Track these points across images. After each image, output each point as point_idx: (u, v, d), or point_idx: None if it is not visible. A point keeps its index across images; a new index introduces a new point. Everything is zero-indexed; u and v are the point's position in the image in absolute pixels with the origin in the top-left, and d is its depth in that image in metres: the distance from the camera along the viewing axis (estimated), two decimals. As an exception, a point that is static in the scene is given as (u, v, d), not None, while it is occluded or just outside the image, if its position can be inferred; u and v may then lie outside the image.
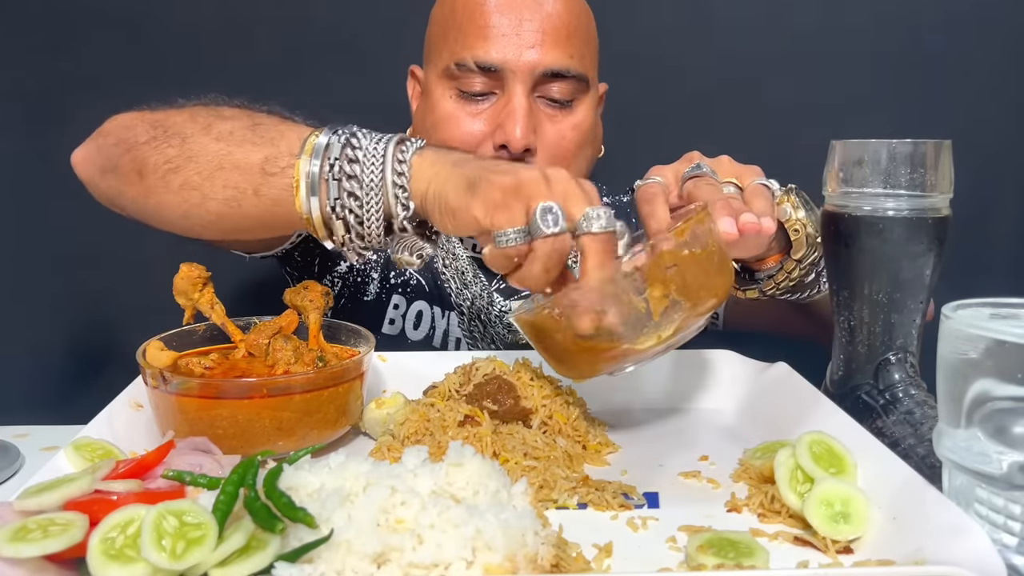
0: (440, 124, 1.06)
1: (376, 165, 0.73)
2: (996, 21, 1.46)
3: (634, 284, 0.65)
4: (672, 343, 0.69)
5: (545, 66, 1.02)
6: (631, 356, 0.68)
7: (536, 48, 1.02)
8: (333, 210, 0.73)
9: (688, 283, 0.66)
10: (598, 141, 1.14)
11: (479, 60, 1.02)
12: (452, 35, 1.05)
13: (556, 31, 1.03)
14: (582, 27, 1.06)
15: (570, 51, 1.04)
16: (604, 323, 0.65)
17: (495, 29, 1.02)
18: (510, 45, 1.01)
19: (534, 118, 1.03)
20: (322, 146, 0.73)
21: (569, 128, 1.06)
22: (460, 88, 1.04)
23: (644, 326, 0.66)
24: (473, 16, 1.03)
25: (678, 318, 0.67)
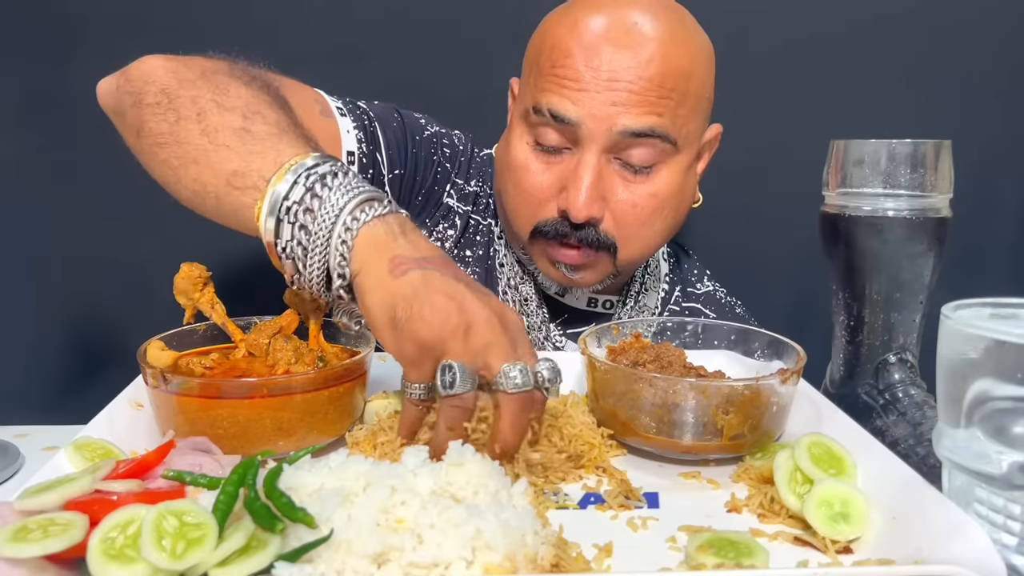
0: (513, 169, 1.00)
1: (326, 224, 0.69)
2: (996, 21, 1.46)
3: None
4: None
5: (624, 126, 0.93)
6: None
7: (619, 106, 0.92)
8: (283, 249, 0.71)
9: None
10: (686, 200, 1.05)
11: (554, 110, 0.94)
12: (536, 74, 0.98)
13: (646, 90, 0.93)
14: (681, 86, 0.94)
15: (659, 110, 0.94)
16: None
17: (576, 82, 0.93)
18: (590, 100, 0.93)
19: (605, 184, 0.96)
20: (284, 191, 0.70)
21: (645, 196, 0.97)
22: (537, 138, 0.98)
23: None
24: (557, 61, 0.95)
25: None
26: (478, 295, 0.67)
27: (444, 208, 1.13)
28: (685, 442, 0.72)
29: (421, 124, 1.13)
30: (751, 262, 1.51)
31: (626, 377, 0.73)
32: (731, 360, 0.87)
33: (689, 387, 0.71)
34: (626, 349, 0.83)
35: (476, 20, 1.43)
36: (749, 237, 1.51)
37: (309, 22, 1.42)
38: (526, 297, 1.11)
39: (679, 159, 0.99)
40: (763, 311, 1.26)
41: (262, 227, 0.71)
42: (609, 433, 0.76)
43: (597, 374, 0.77)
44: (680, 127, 0.96)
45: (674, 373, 0.77)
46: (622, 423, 0.75)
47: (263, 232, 0.71)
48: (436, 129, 1.14)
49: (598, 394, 0.77)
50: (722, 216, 1.47)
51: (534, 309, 1.11)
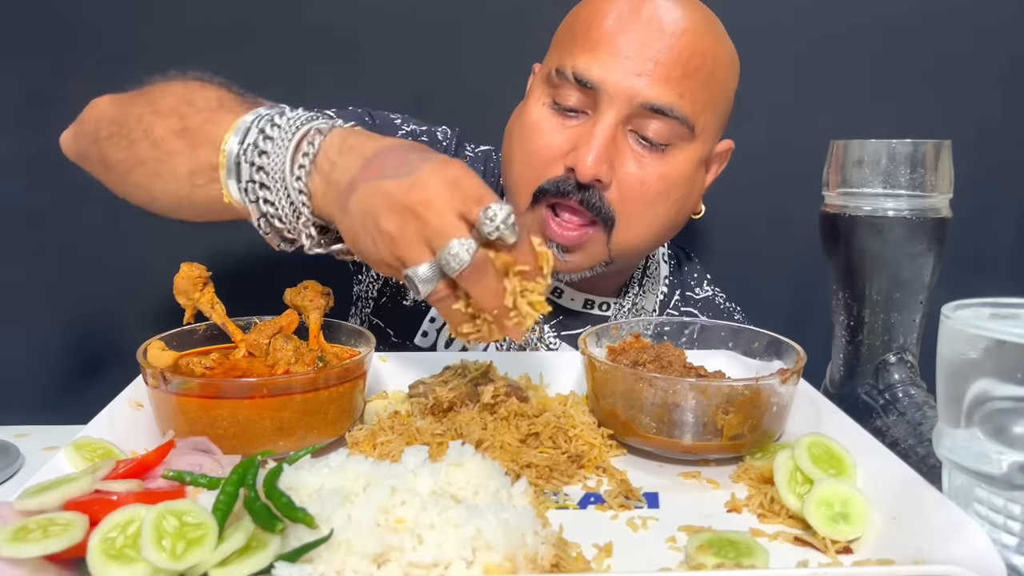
0: (526, 130, 0.99)
1: (282, 191, 0.73)
2: (996, 21, 1.45)
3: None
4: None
5: (645, 98, 0.92)
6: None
7: (643, 77, 0.92)
8: (259, 225, 0.75)
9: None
10: (692, 198, 1.03)
11: (578, 72, 0.93)
12: (567, 40, 0.98)
13: (671, 64, 0.92)
14: (706, 70, 0.95)
15: (681, 90, 0.93)
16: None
17: (606, 45, 0.93)
18: (615, 66, 0.92)
19: (617, 151, 0.94)
20: (234, 173, 0.74)
21: (655, 175, 0.95)
22: (555, 98, 0.97)
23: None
24: (590, 26, 0.95)
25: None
26: (399, 183, 0.65)
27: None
28: (685, 442, 0.72)
29: (395, 124, 1.13)
30: (751, 262, 1.51)
31: (626, 377, 0.74)
32: (731, 360, 0.87)
33: (689, 387, 0.71)
34: (626, 349, 0.83)
35: (474, 19, 1.43)
36: (749, 237, 1.51)
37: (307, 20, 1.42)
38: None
39: (694, 147, 0.98)
40: (763, 311, 1.26)
41: (242, 210, 0.76)
42: (609, 433, 0.76)
43: (597, 374, 0.77)
44: (699, 114, 0.95)
45: (674, 373, 0.77)
46: (622, 423, 0.75)
47: (244, 214, 0.76)
48: (412, 128, 1.14)
49: (598, 394, 0.77)
50: (722, 216, 1.47)
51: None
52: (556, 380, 0.86)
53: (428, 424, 0.76)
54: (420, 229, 0.64)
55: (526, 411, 0.77)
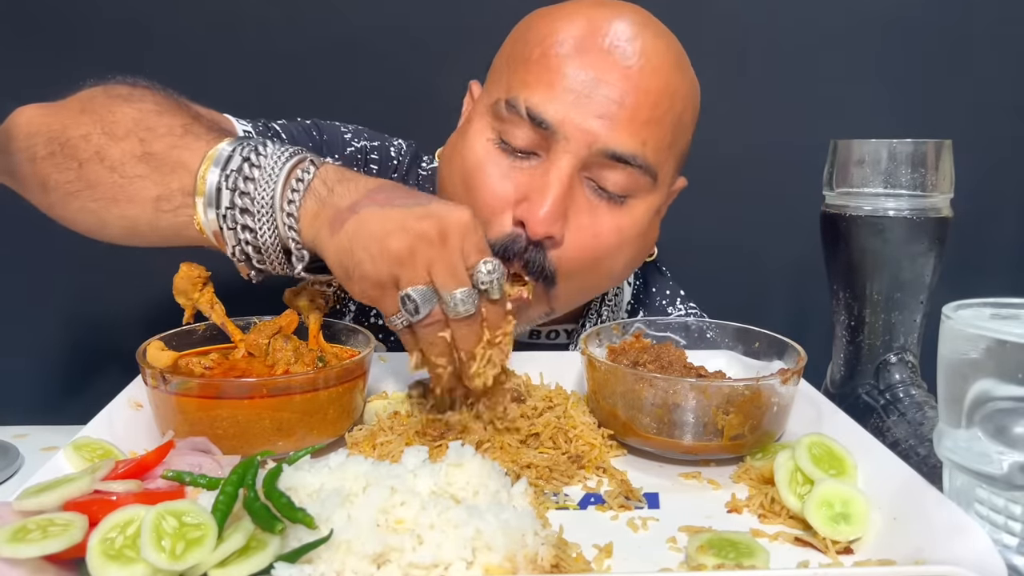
0: (468, 169, 0.87)
1: (266, 219, 0.71)
2: (997, 21, 1.45)
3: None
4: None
5: (605, 144, 0.82)
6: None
7: (605, 120, 0.82)
8: (234, 253, 0.73)
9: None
10: (646, 249, 0.95)
11: (533, 109, 0.83)
12: (516, 67, 0.87)
13: (637, 108, 0.83)
14: (674, 113, 0.86)
15: (645, 136, 0.84)
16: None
17: (564, 79, 0.82)
18: (575, 105, 0.82)
19: (571, 201, 0.84)
20: (212, 199, 0.71)
21: (610, 228, 0.86)
22: (503, 135, 0.86)
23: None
24: (547, 56, 0.84)
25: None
26: (415, 210, 0.67)
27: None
28: (685, 442, 0.72)
29: (345, 139, 1.08)
30: (752, 262, 1.51)
31: (626, 377, 0.73)
32: (731, 360, 0.87)
33: (689, 387, 0.70)
34: (626, 349, 0.83)
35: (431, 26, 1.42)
36: (750, 237, 1.51)
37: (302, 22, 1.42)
38: None
39: (653, 198, 0.89)
40: (763, 311, 1.26)
41: (210, 237, 0.74)
42: (609, 433, 0.76)
43: (597, 374, 0.77)
44: (663, 162, 0.87)
45: (674, 373, 0.77)
46: (622, 423, 0.75)
47: (215, 242, 0.74)
48: (363, 143, 1.09)
49: (598, 394, 0.77)
50: (723, 216, 1.47)
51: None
52: (556, 380, 0.86)
53: (427, 422, 0.75)
54: (430, 257, 0.66)
55: (526, 411, 0.77)
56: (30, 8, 1.40)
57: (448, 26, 1.43)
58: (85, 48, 1.40)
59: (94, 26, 1.40)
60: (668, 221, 1.08)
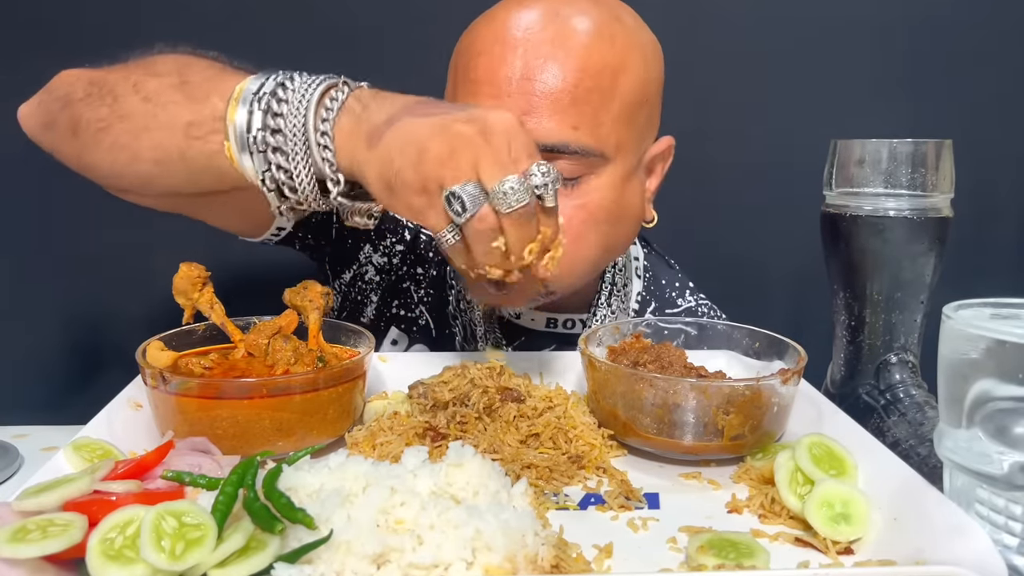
0: None
1: (299, 140, 0.69)
2: (996, 21, 1.45)
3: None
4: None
5: (536, 139, 0.78)
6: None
7: (530, 116, 0.82)
8: (264, 180, 0.71)
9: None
10: (628, 214, 0.94)
11: None
12: (452, 80, 0.90)
13: (556, 95, 0.82)
14: (602, 88, 0.84)
15: (574, 120, 0.83)
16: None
17: (487, 85, 0.83)
18: (502, 107, 0.82)
19: None
20: (243, 122, 0.70)
21: (572, 208, 0.86)
22: None
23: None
24: (470, 62, 0.86)
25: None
26: (456, 114, 0.66)
27: (389, 219, 1.07)
28: (686, 443, 0.72)
29: None
30: (752, 262, 1.51)
31: (626, 377, 0.73)
32: (731, 360, 0.87)
33: (690, 387, 0.70)
34: (626, 349, 0.83)
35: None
36: (749, 237, 1.51)
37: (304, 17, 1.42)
38: (474, 320, 1.02)
39: (612, 169, 0.88)
40: (763, 311, 1.26)
41: (239, 166, 0.72)
42: (609, 433, 0.76)
43: (597, 374, 0.77)
44: (605, 136, 0.85)
45: (674, 373, 0.77)
46: (623, 423, 0.75)
47: (242, 170, 0.72)
48: None
49: (598, 394, 0.77)
50: (723, 216, 1.47)
51: (482, 334, 1.02)
52: (556, 380, 0.86)
53: (425, 421, 0.75)
54: (474, 153, 0.63)
55: (526, 412, 0.77)
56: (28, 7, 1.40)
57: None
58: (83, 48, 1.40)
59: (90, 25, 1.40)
60: (668, 221, 1.08)
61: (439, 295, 1.07)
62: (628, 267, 1.12)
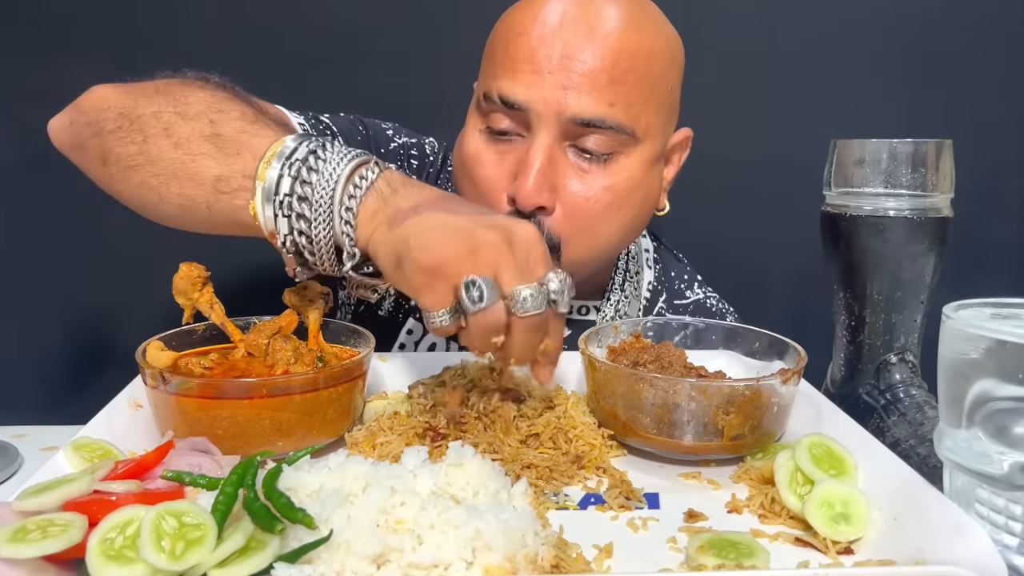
0: (467, 161, 0.95)
1: (324, 210, 0.71)
2: (997, 21, 1.45)
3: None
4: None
5: (573, 113, 0.87)
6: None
7: (569, 90, 0.87)
8: (284, 243, 0.73)
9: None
10: (648, 200, 0.98)
11: (504, 95, 0.89)
12: (489, 62, 0.95)
13: (596, 72, 0.87)
14: (637, 70, 0.89)
15: (611, 98, 0.88)
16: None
17: (527, 63, 0.88)
18: (540, 83, 0.88)
19: (557, 171, 0.90)
20: (272, 184, 0.72)
21: (600, 188, 0.91)
22: (488, 124, 0.93)
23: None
24: (509, 44, 0.91)
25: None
26: (480, 218, 0.68)
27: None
28: (686, 442, 0.72)
29: (387, 136, 1.10)
30: (751, 262, 1.51)
31: (626, 377, 0.73)
32: (732, 360, 0.87)
33: (690, 387, 0.70)
34: (626, 349, 0.83)
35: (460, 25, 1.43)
36: (749, 237, 1.51)
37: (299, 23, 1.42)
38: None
39: (640, 151, 0.93)
40: (763, 311, 1.26)
41: (263, 224, 0.73)
42: (609, 433, 0.76)
43: (597, 374, 0.77)
44: (637, 117, 0.91)
45: (674, 373, 0.77)
46: (622, 423, 0.75)
47: (264, 228, 0.73)
48: (404, 140, 1.11)
49: (598, 394, 0.77)
50: (723, 215, 1.47)
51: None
52: (556, 380, 0.86)
53: (425, 421, 0.75)
54: (496, 259, 0.65)
55: (526, 412, 0.77)
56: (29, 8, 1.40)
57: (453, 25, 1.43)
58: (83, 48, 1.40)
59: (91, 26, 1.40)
60: (668, 221, 1.08)
61: None
62: (639, 256, 1.15)
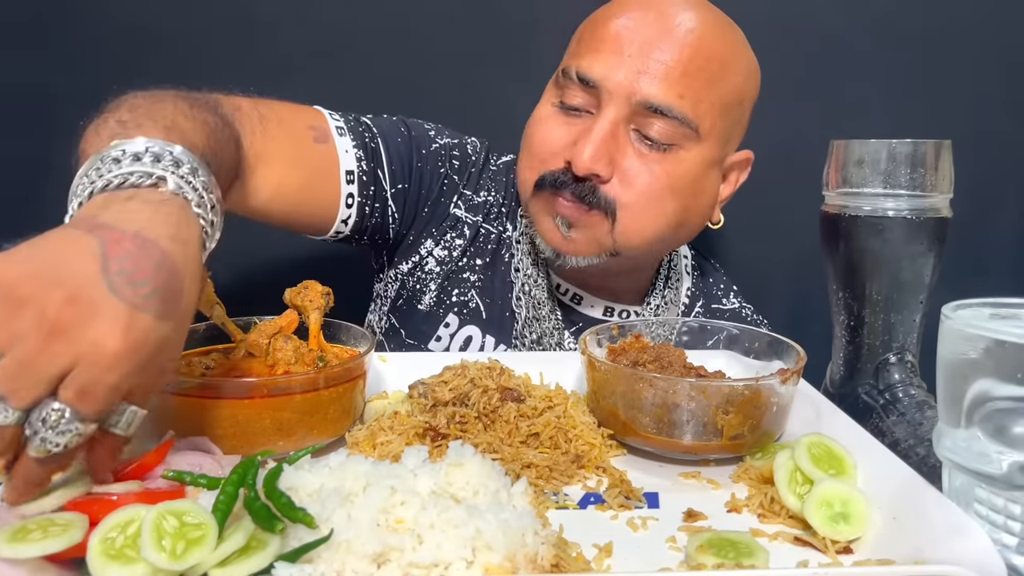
0: (533, 123, 1.02)
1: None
2: (997, 21, 1.45)
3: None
4: None
5: (643, 96, 0.92)
6: None
7: (644, 75, 0.93)
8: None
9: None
10: (702, 200, 1.02)
11: (581, 71, 0.95)
12: (576, 42, 1.01)
13: (672, 63, 0.93)
14: (711, 71, 0.94)
15: (681, 90, 0.93)
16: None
17: (609, 44, 0.95)
18: (618, 64, 0.93)
19: (618, 147, 0.95)
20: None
21: (659, 171, 0.95)
22: (563, 98, 0.98)
23: None
24: (596, 27, 0.98)
25: None
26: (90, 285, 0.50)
27: (452, 219, 1.12)
28: (685, 442, 0.72)
29: (430, 136, 1.12)
30: (751, 262, 1.51)
31: (626, 377, 0.74)
32: (731, 360, 0.87)
33: (689, 387, 0.71)
34: (626, 349, 0.83)
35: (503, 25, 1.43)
36: (749, 236, 1.51)
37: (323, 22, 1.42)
38: (539, 301, 1.09)
39: (701, 149, 0.97)
40: (763, 311, 1.26)
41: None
42: (609, 433, 0.76)
43: (597, 374, 0.77)
44: (703, 115, 0.95)
45: (674, 373, 0.77)
46: (622, 423, 0.75)
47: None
48: (446, 140, 1.13)
49: (598, 394, 0.77)
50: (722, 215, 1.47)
51: (546, 315, 1.09)
52: (556, 380, 0.86)
53: (425, 421, 0.76)
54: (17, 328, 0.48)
55: (526, 412, 0.77)
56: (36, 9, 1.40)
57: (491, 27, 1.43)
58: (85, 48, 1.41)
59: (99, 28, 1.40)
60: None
61: (492, 281, 1.13)
62: (678, 263, 1.18)
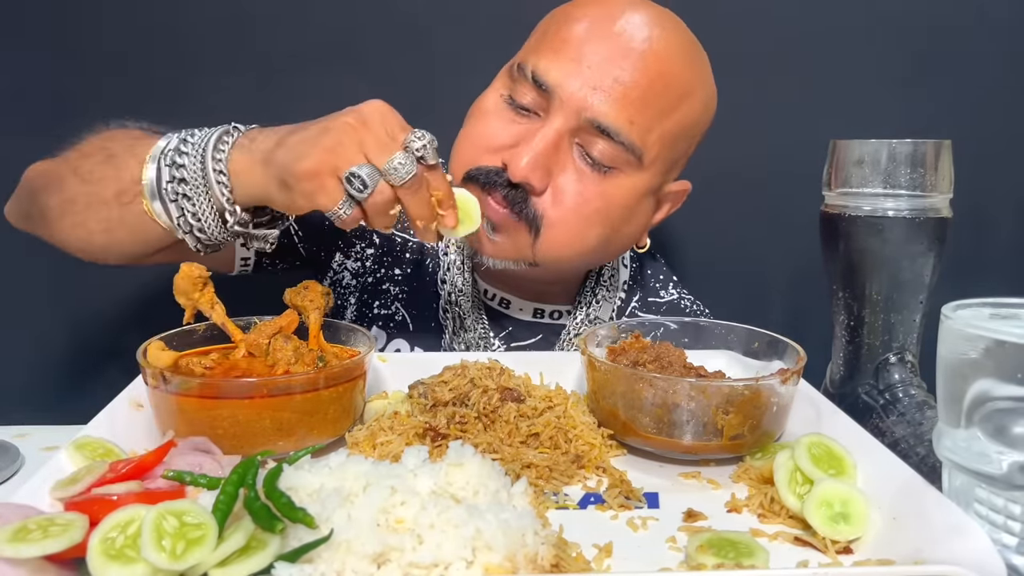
0: (475, 114, 0.98)
1: (199, 183, 0.81)
2: (997, 21, 1.45)
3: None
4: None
5: (593, 114, 0.89)
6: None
7: (599, 92, 0.89)
8: (180, 226, 0.83)
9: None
10: (631, 227, 0.99)
11: (537, 72, 0.91)
12: (538, 35, 0.97)
13: (631, 86, 0.89)
14: (668, 99, 0.91)
15: (632, 115, 0.89)
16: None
17: (571, 51, 0.90)
18: (575, 74, 0.89)
19: (557, 160, 0.91)
20: (152, 178, 0.82)
21: (595, 193, 0.92)
22: (512, 93, 0.94)
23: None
24: (561, 26, 0.93)
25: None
26: (330, 117, 0.77)
27: (358, 229, 1.07)
28: (685, 442, 0.72)
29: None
30: (751, 262, 1.51)
31: (626, 377, 0.74)
32: (731, 360, 0.87)
33: (689, 387, 0.71)
34: (626, 349, 0.83)
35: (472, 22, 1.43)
36: (749, 237, 1.51)
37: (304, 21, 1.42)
38: (465, 311, 1.06)
39: (640, 177, 0.94)
40: (762, 311, 1.27)
41: (158, 219, 0.83)
42: (609, 433, 0.76)
43: (597, 374, 0.77)
44: (651, 144, 0.92)
45: (674, 373, 0.78)
46: (622, 423, 0.75)
47: (163, 223, 0.83)
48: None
49: (598, 394, 0.77)
50: (722, 215, 1.47)
51: (471, 324, 1.06)
52: (556, 380, 0.86)
53: (425, 421, 0.76)
54: (358, 138, 0.74)
55: (526, 412, 0.77)
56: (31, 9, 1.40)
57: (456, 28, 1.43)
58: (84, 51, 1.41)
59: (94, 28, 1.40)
60: (668, 220, 1.08)
61: (416, 292, 1.11)
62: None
